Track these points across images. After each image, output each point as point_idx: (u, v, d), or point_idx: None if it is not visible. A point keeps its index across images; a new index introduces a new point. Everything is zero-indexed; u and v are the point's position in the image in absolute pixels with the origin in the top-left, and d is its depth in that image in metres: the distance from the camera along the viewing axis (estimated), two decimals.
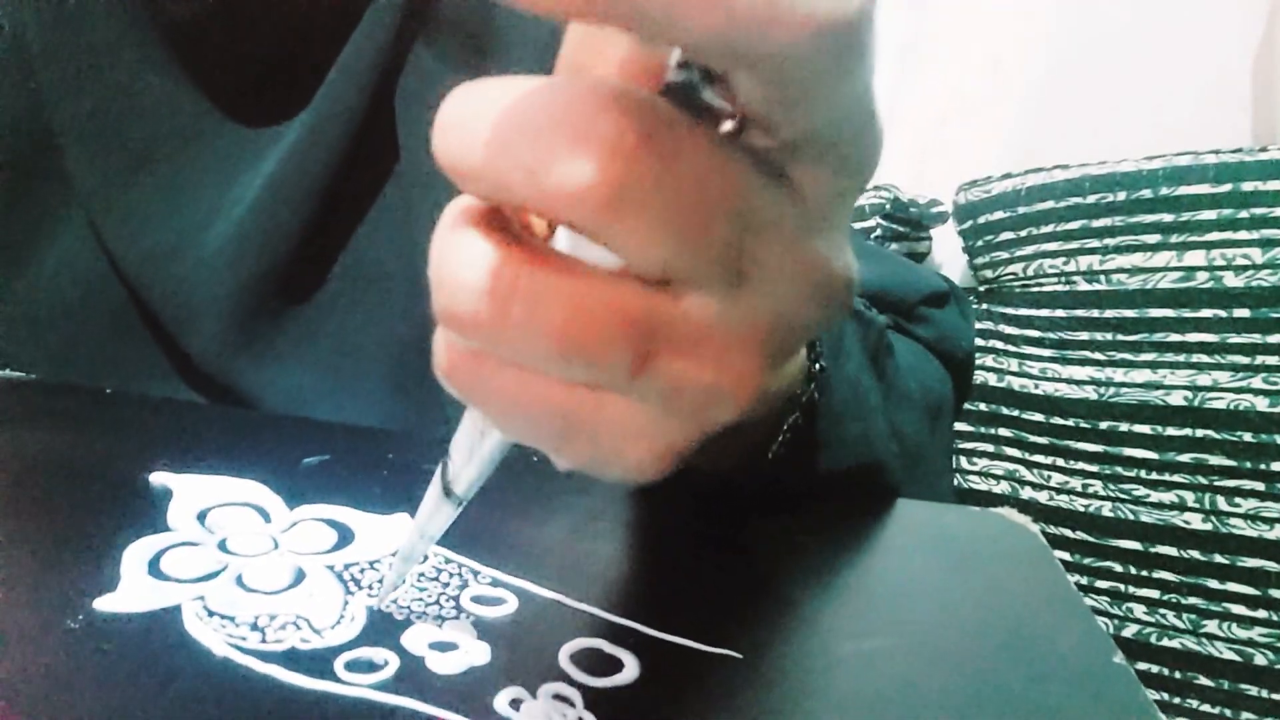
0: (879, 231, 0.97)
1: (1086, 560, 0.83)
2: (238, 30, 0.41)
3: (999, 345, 0.91)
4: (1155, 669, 0.79)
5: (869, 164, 0.17)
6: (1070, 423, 0.84)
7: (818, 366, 0.32)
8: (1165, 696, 0.78)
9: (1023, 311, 0.89)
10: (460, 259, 0.16)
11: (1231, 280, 0.76)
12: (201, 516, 0.29)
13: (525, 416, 0.17)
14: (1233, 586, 0.76)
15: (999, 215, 0.91)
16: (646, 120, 0.14)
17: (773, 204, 0.16)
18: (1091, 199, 0.83)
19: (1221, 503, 0.76)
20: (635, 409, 0.17)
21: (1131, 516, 0.80)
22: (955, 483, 0.93)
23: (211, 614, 0.24)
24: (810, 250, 0.17)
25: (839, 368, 0.34)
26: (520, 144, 0.14)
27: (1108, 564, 0.82)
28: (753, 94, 0.14)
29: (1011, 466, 0.89)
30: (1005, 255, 0.91)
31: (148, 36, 0.41)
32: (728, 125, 0.15)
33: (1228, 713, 0.76)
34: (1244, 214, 0.76)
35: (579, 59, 0.16)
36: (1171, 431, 0.78)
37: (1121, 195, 0.81)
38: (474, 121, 0.15)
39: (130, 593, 0.25)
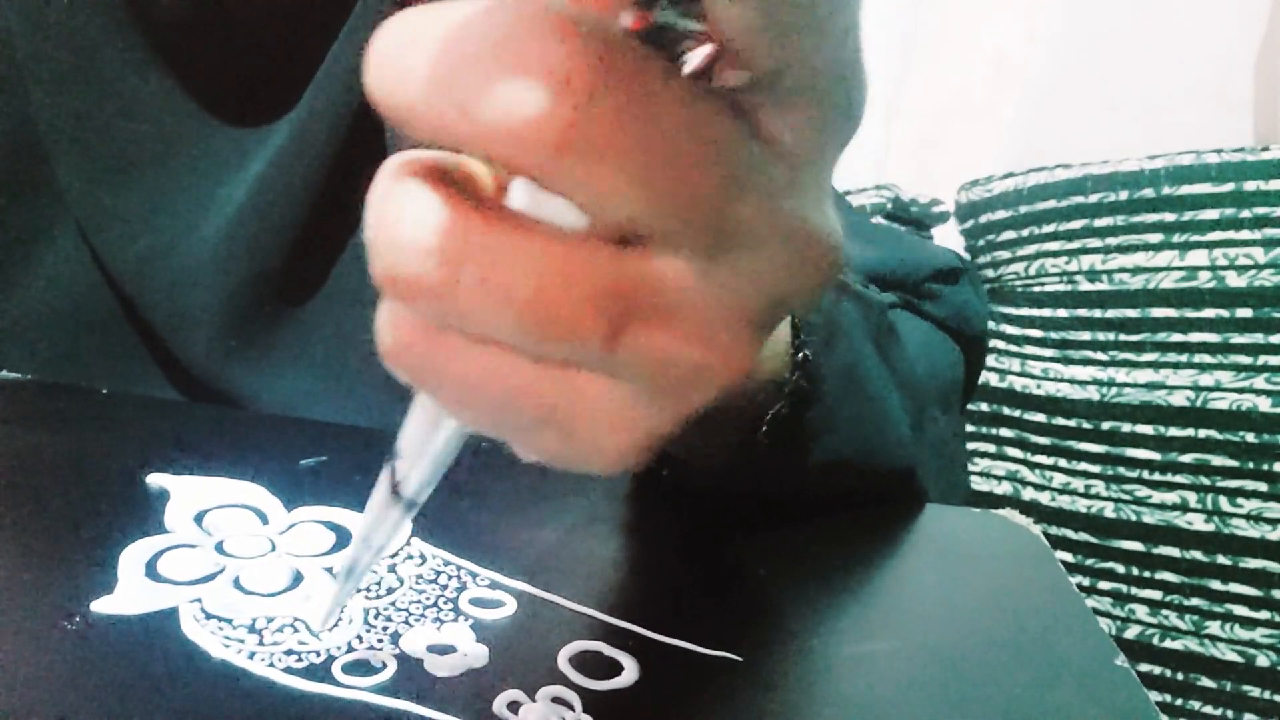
0: None
1: (1088, 561, 0.83)
2: (224, 30, 0.40)
3: (1001, 345, 0.91)
4: (1157, 670, 0.79)
5: (854, 115, 0.15)
6: (1072, 423, 0.84)
7: (802, 355, 0.31)
8: (1167, 698, 0.78)
9: (1024, 311, 0.89)
10: (403, 214, 0.14)
11: (1234, 280, 0.76)
12: (199, 518, 0.29)
13: (489, 401, 0.15)
14: (1235, 587, 0.76)
15: (1001, 214, 0.91)
16: (605, 48, 0.12)
17: (754, 155, 0.14)
18: (1094, 198, 0.83)
19: (1224, 503, 0.76)
20: (613, 389, 0.15)
21: (1134, 517, 0.80)
22: None
23: (209, 616, 0.24)
24: (793, 211, 0.15)
25: (830, 352, 0.33)
26: (457, 74, 0.13)
27: (1110, 565, 0.81)
28: (731, 14, 0.13)
29: (1013, 467, 0.89)
30: (1007, 255, 0.91)
31: (133, 38, 0.40)
32: (700, 56, 0.14)
33: (1230, 714, 0.76)
34: (1246, 213, 0.76)
35: None
36: (1174, 432, 0.78)
37: (1124, 194, 0.81)
38: (408, 51, 0.13)
39: (127, 595, 0.25)
